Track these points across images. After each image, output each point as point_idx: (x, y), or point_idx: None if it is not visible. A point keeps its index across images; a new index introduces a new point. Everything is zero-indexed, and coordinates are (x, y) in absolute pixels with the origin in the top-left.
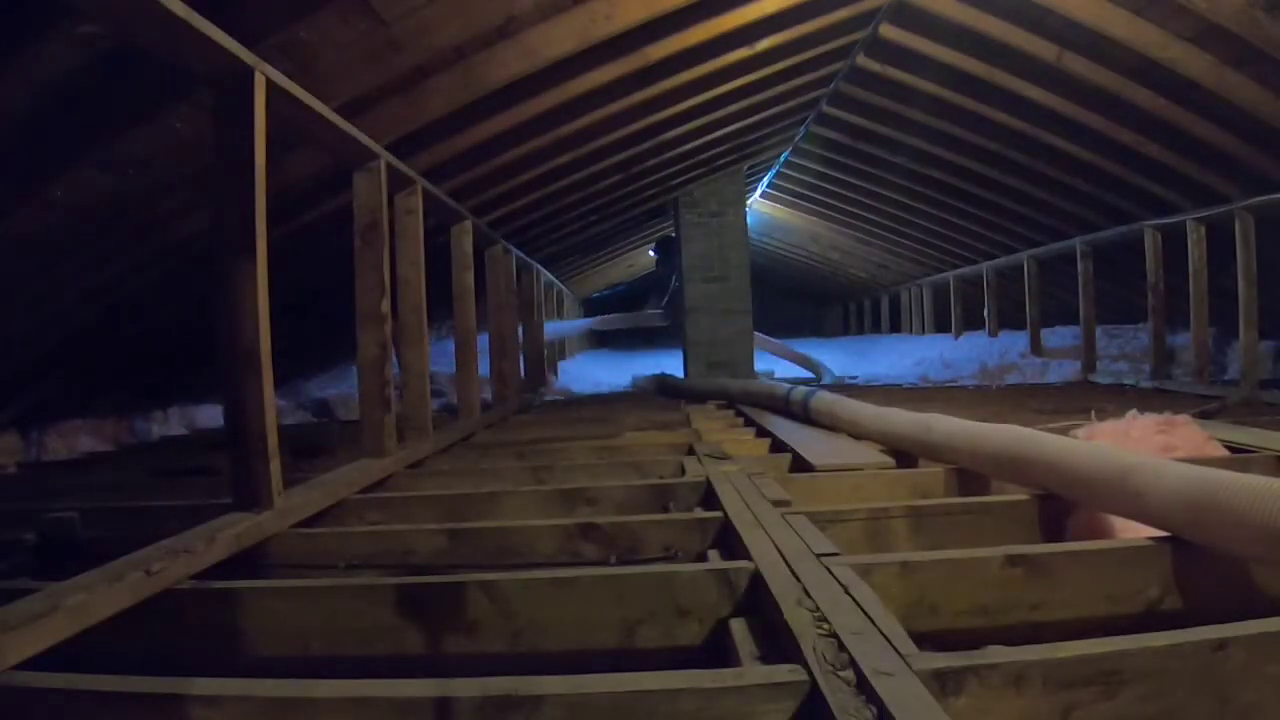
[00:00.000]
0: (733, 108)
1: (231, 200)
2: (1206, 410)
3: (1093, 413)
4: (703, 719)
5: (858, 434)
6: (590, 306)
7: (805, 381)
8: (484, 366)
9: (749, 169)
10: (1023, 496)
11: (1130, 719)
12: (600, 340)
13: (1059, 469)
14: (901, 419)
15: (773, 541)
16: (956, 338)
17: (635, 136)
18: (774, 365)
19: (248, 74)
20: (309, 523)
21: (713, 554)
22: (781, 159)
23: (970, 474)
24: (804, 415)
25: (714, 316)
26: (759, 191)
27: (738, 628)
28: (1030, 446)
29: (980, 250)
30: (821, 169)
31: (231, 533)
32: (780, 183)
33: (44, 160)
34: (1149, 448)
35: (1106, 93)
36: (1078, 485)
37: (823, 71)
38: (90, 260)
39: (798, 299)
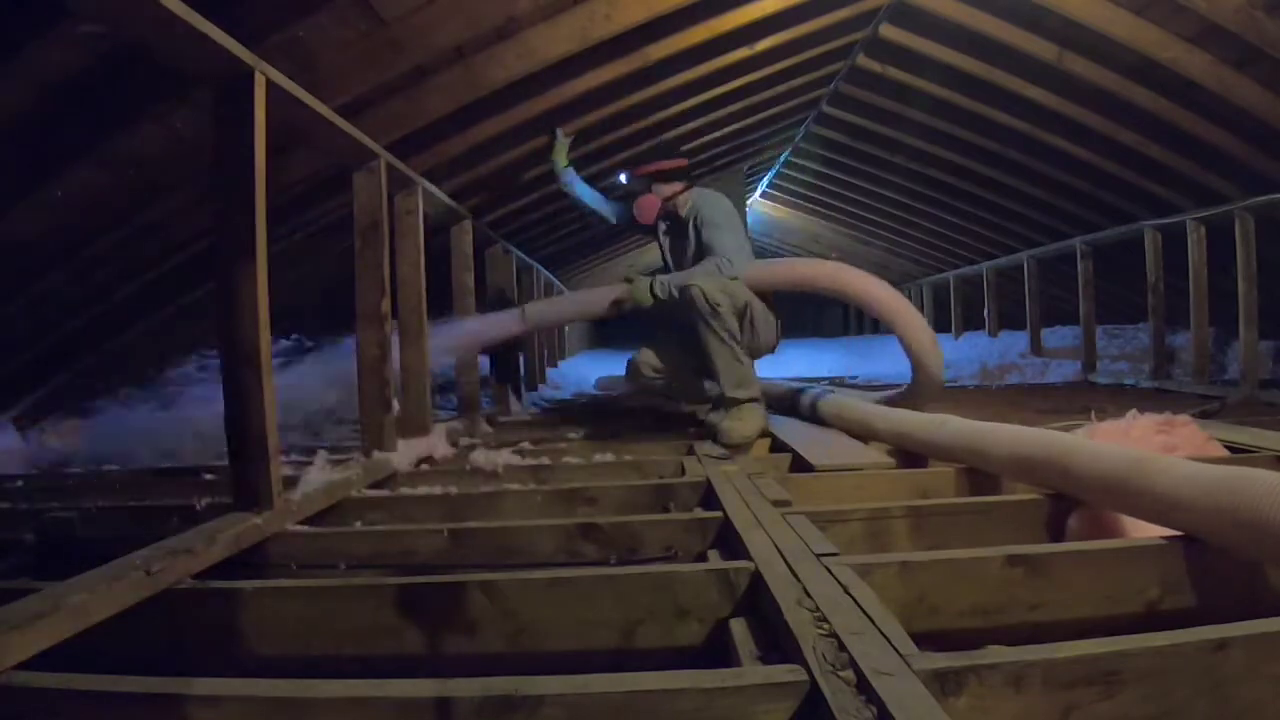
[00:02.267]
0: (733, 108)
1: (231, 200)
2: (1206, 410)
3: (1093, 413)
4: (702, 719)
5: (868, 434)
6: None
7: (810, 382)
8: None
9: (749, 169)
10: (1026, 496)
11: (1130, 719)
12: (602, 340)
13: (1072, 469)
14: (911, 418)
15: (773, 541)
16: (956, 338)
17: (635, 136)
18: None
19: (248, 74)
20: (309, 522)
21: (713, 554)
22: (781, 159)
23: (980, 474)
24: (811, 415)
25: None
26: (759, 191)
27: (737, 628)
28: (1041, 446)
29: (980, 250)
30: (821, 169)
31: (231, 533)
32: (780, 183)
33: (44, 160)
34: (1149, 448)
35: (1106, 93)
36: (1091, 485)
37: (823, 71)
38: (90, 260)
39: (797, 298)
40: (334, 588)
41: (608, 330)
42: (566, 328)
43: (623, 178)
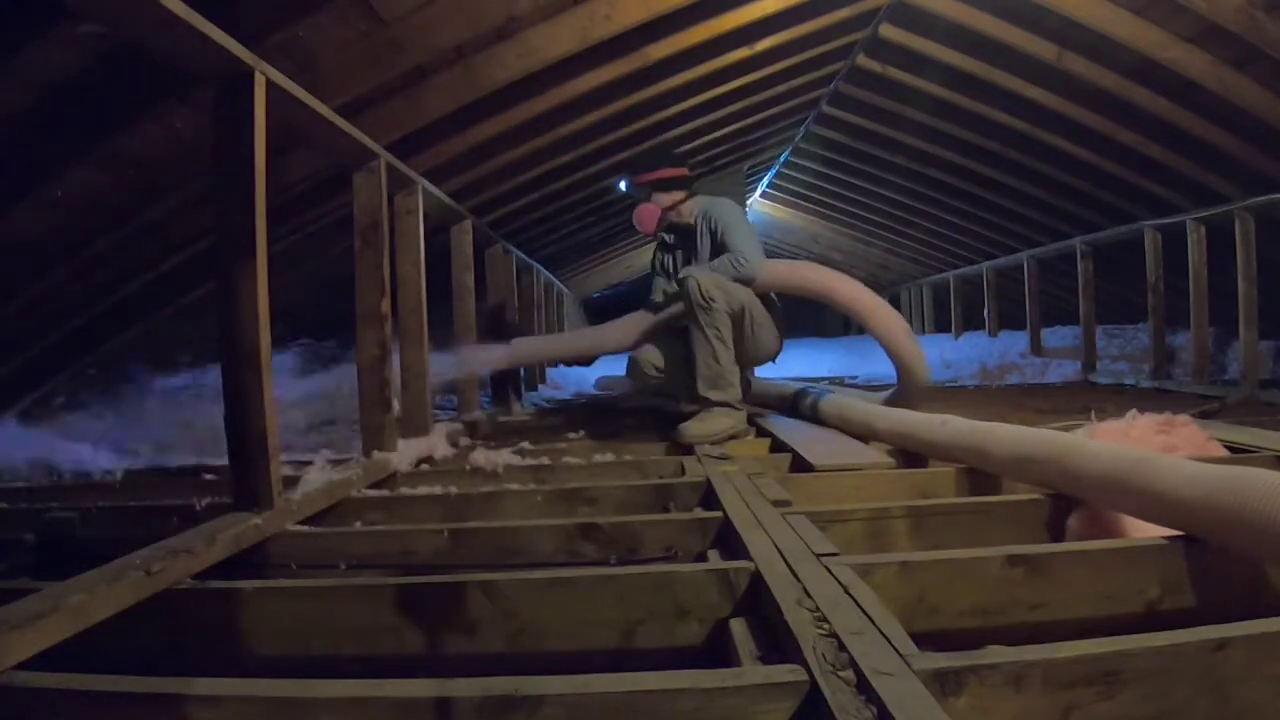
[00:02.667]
0: (733, 108)
1: (231, 200)
2: (1206, 410)
3: (1093, 413)
4: (702, 719)
5: (868, 434)
6: (590, 307)
7: (809, 381)
8: None
9: (749, 169)
10: (1026, 496)
11: (1130, 719)
12: None
13: (1072, 469)
14: (912, 418)
15: (773, 541)
16: (956, 338)
17: (635, 136)
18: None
19: (248, 74)
20: (309, 522)
21: (713, 554)
22: (781, 159)
23: (980, 474)
24: (812, 415)
25: None
26: (759, 191)
27: (737, 628)
28: (1041, 446)
29: (980, 250)
30: (821, 169)
31: (231, 533)
32: (780, 183)
33: (44, 160)
34: (1149, 448)
35: (1106, 93)
36: (1091, 485)
37: (823, 71)
38: (90, 260)
39: (797, 299)
40: (334, 588)
41: None
42: (567, 324)
43: (622, 185)
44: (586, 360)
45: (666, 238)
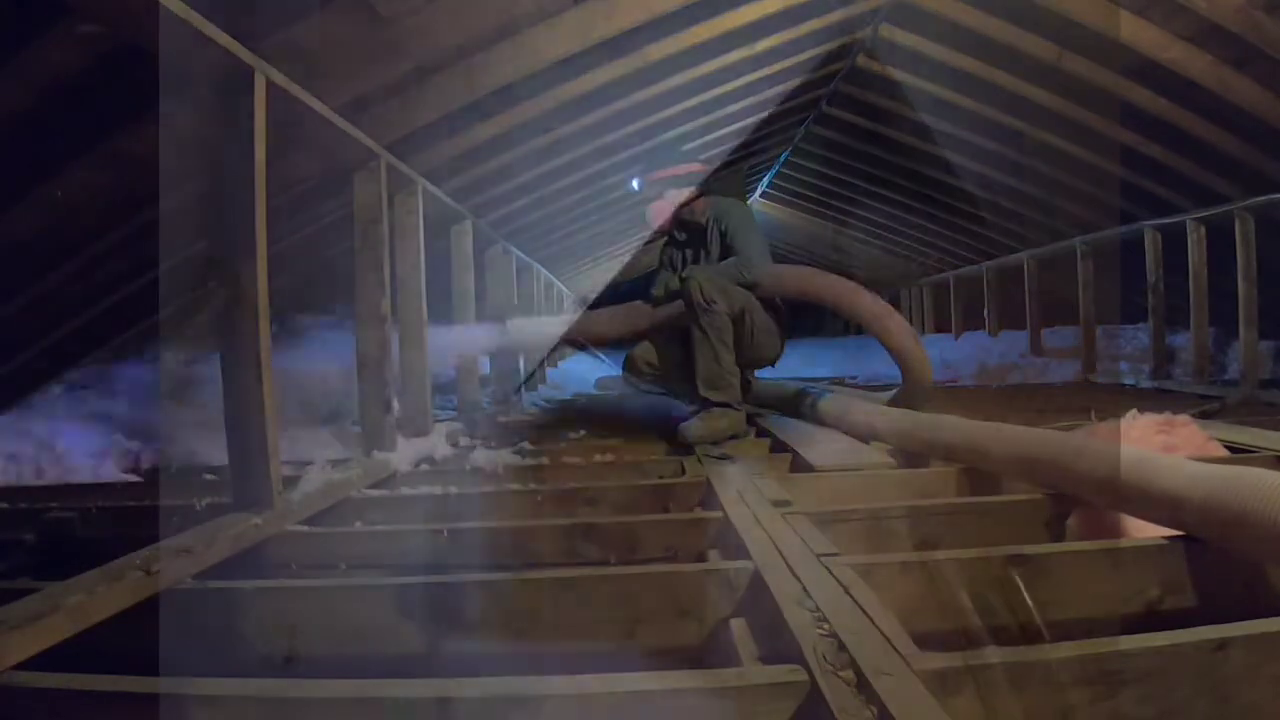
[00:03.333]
0: (732, 108)
1: (232, 200)
2: (1206, 410)
3: (1092, 413)
4: (702, 719)
5: (869, 434)
6: (590, 307)
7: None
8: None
9: (749, 169)
10: (1026, 496)
11: (1130, 719)
12: None
13: (1072, 468)
14: (912, 418)
15: (773, 541)
16: (956, 338)
17: (635, 136)
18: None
19: (248, 74)
20: (309, 523)
21: (713, 554)
22: (781, 159)
23: (980, 474)
24: (812, 415)
25: None
26: (759, 191)
27: (738, 628)
28: (1041, 446)
29: (980, 250)
30: (821, 169)
31: (231, 533)
32: (780, 183)
33: (44, 160)
34: (1149, 448)
35: (1107, 93)
36: (1091, 485)
37: (822, 72)
38: (90, 260)
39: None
40: (334, 587)
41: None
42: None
43: (635, 184)
44: (579, 344)
45: (677, 234)
